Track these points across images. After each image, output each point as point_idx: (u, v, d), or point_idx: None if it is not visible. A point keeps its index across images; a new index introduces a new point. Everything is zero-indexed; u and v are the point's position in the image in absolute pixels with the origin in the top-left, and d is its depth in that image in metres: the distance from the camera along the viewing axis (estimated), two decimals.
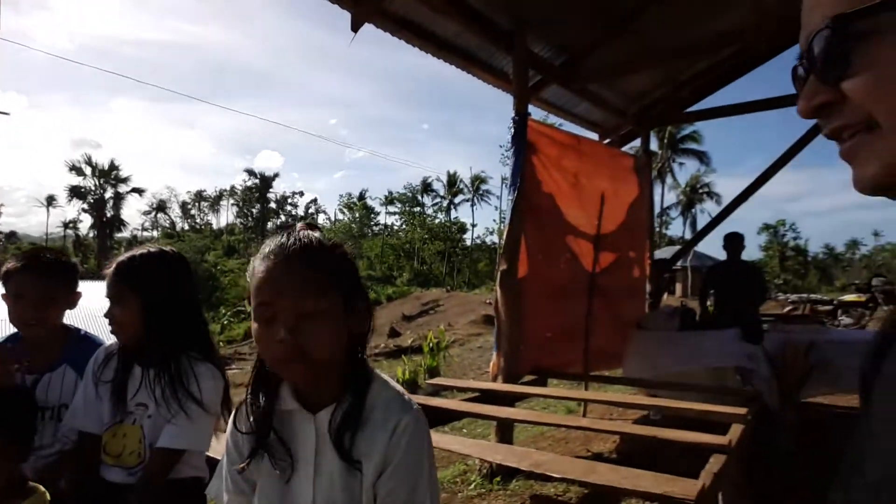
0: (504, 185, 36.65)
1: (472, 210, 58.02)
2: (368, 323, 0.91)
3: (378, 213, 60.02)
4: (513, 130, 4.04)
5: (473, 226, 55.99)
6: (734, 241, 5.10)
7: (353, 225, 56.05)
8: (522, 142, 3.99)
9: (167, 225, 69.31)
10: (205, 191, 76.48)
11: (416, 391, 6.34)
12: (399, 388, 0.93)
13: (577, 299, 4.73)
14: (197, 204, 76.02)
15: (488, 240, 50.44)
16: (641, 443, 3.99)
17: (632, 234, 5.67)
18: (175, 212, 73.25)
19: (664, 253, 13.04)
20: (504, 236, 4.05)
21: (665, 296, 7.51)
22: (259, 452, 0.90)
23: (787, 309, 9.65)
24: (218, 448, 1.50)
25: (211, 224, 75.79)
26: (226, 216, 76.35)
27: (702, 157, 41.65)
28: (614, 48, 4.98)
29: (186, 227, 71.13)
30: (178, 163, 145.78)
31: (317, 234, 0.89)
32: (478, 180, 55.24)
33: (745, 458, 2.70)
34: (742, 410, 2.79)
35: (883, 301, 8.35)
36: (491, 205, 59.79)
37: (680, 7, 4.76)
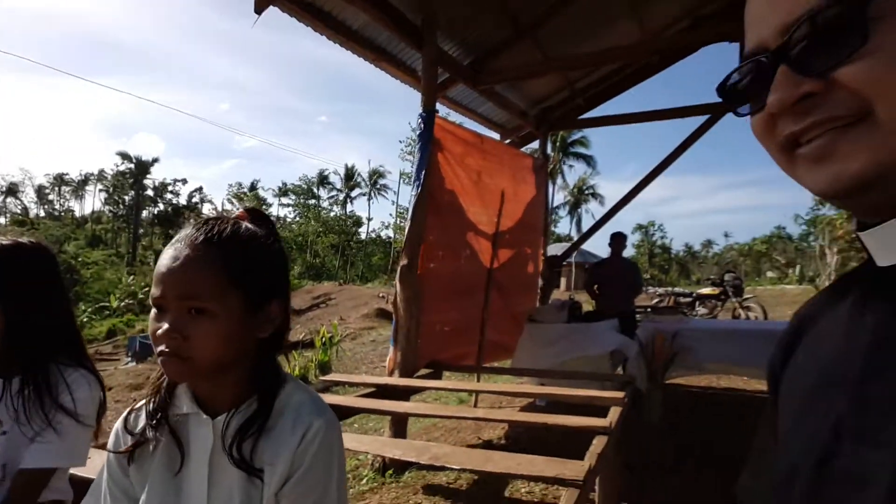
0: (402, 181, 36.62)
1: (369, 204, 57.70)
2: (281, 327, 0.85)
3: (270, 205, 57.35)
4: (420, 127, 4.07)
5: (369, 220, 55.58)
6: (618, 240, 5.59)
7: None
8: (429, 138, 4.03)
9: (18, 211, 60.84)
10: (67, 174, 68.16)
11: None
12: (312, 391, 0.89)
13: (474, 294, 4.91)
14: (57, 188, 67.57)
15: (384, 234, 50.32)
16: (529, 428, 4.25)
17: (528, 231, 5.97)
18: (30, 196, 64.59)
19: (553, 249, 13.84)
20: (406, 231, 4.07)
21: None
22: (146, 456, 0.82)
23: (655, 301, 10.74)
24: (91, 466, 1.36)
25: (73, 211, 67.73)
26: (92, 203, 68.69)
27: (589, 160, 44.64)
28: (519, 52, 5.21)
29: (42, 214, 62.93)
30: (38, 143, 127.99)
31: (246, 225, 0.83)
32: (376, 174, 54.82)
33: (619, 436, 2.97)
34: (620, 394, 3.05)
35: (732, 294, 9.56)
36: (388, 199, 59.58)
37: (577, 19, 5.08)
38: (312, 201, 55.92)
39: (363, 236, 51.42)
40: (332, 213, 52.07)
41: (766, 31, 0.42)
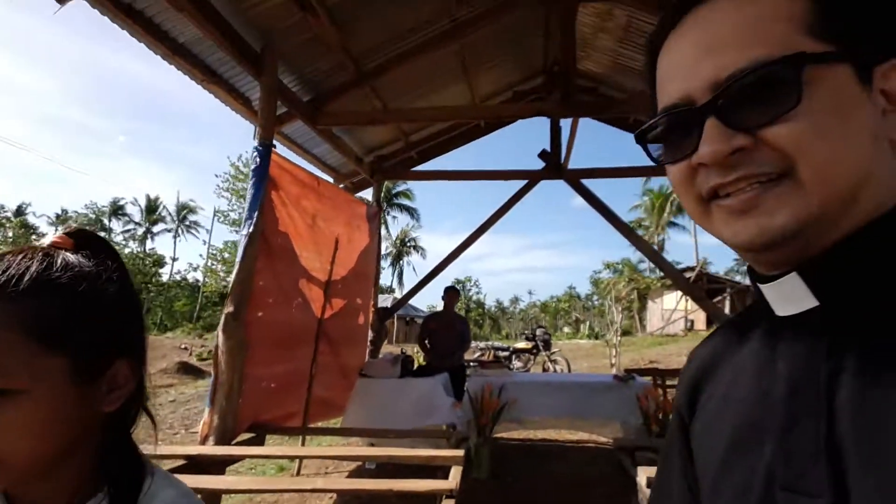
0: (217, 219, 33.52)
1: (175, 242, 51.52)
2: (135, 394, 0.59)
3: (44, 235, 47.87)
4: (255, 161, 3.70)
5: (174, 260, 49.68)
6: (451, 294, 5.70)
7: (3, 247, 43.38)
8: (264, 175, 3.68)
9: None
10: None
11: None
12: (183, 484, 0.63)
13: (303, 346, 4.52)
14: None
15: (191, 276, 45.19)
16: (357, 495, 3.94)
17: (360, 280, 5.78)
18: None
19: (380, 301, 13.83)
20: (234, 275, 3.60)
21: None
22: None
23: (477, 355, 11.25)
24: None
25: None
26: None
27: (412, 212, 46.17)
28: (359, 98, 5.18)
29: None
30: None
31: (66, 258, 0.55)
32: (185, 209, 49.76)
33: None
34: (459, 453, 2.97)
35: (543, 348, 10.48)
36: (198, 238, 54.21)
37: (414, 75, 5.27)
38: (102, 234, 48.28)
39: (165, 278, 45.54)
40: (126, 250, 45.35)
41: (694, 83, 0.43)
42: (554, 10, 4.57)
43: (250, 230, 3.59)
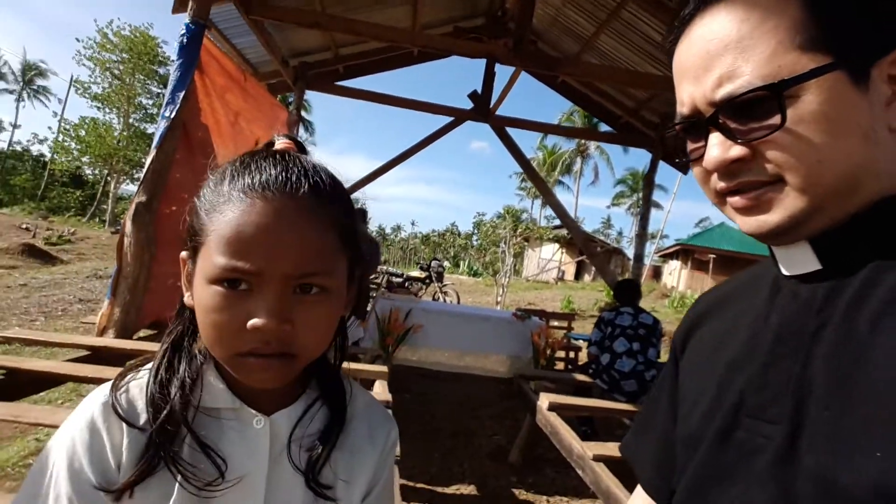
0: (75, 89, 28.88)
1: (17, 106, 43.75)
2: (357, 296, 0.64)
3: None
4: (183, 41, 3.32)
5: (15, 127, 42.45)
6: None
7: None
8: (194, 57, 3.33)
9: None
10: None
11: None
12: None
13: None
14: None
15: (35, 149, 39.12)
16: None
17: None
18: None
19: None
20: (149, 162, 3.28)
21: None
22: (156, 468, 0.52)
23: (371, 278, 11.31)
24: None
25: None
26: None
27: (307, 125, 43.57)
28: None
29: None
30: None
31: (321, 163, 0.58)
32: (33, 70, 42.24)
33: None
34: (384, 368, 3.10)
35: (435, 279, 10.84)
36: (48, 108, 46.56)
37: None
38: None
39: (3, 146, 38.90)
40: None
41: (698, 94, 0.48)
42: None
43: (173, 115, 3.29)
